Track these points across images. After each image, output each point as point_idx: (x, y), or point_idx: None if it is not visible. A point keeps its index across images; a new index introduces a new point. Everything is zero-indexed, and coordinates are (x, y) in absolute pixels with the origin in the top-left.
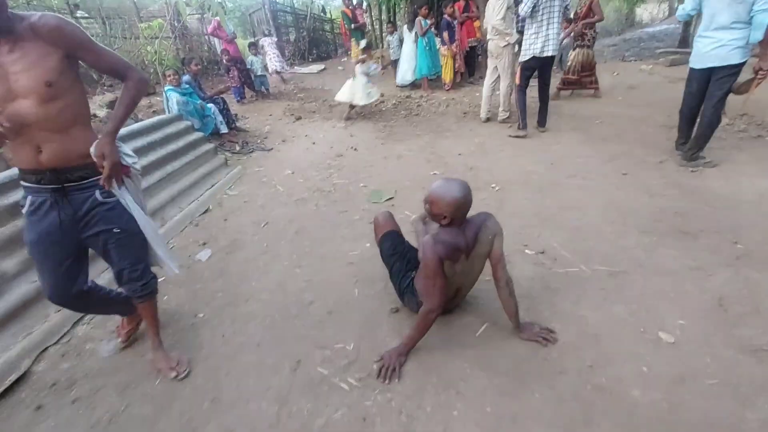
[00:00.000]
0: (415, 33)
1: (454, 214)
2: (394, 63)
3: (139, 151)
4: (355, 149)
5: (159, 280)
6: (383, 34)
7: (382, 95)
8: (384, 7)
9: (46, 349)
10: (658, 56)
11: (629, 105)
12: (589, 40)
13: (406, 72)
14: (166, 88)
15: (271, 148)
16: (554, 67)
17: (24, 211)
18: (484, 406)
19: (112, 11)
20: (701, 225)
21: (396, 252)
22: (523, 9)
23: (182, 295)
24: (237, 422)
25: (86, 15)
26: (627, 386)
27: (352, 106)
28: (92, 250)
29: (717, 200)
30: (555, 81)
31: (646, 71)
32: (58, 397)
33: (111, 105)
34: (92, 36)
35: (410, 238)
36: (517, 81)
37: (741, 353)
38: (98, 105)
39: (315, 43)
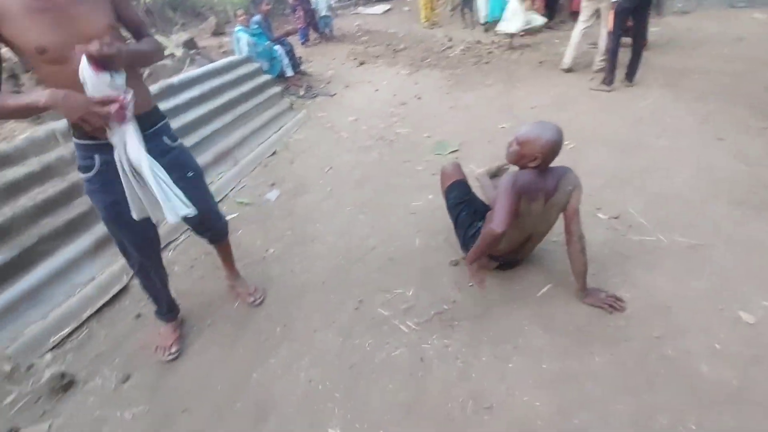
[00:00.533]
0: None
1: (545, 156)
2: (464, 2)
3: (212, 93)
4: (420, 98)
5: (231, 216)
6: None
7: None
8: None
9: None
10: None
11: (734, 59)
12: None
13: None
14: (236, 29)
15: (335, 94)
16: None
17: (90, 174)
18: (541, 363)
19: None
20: None
21: (463, 201)
22: None
23: (254, 231)
24: (305, 348)
25: None
26: (695, 360)
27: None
28: None
29: None
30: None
31: (759, 21)
32: (153, 309)
33: (186, 45)
34: None
35: (477, 191)
36: (610, 26)
37: None
38: (174, 44)
39: None
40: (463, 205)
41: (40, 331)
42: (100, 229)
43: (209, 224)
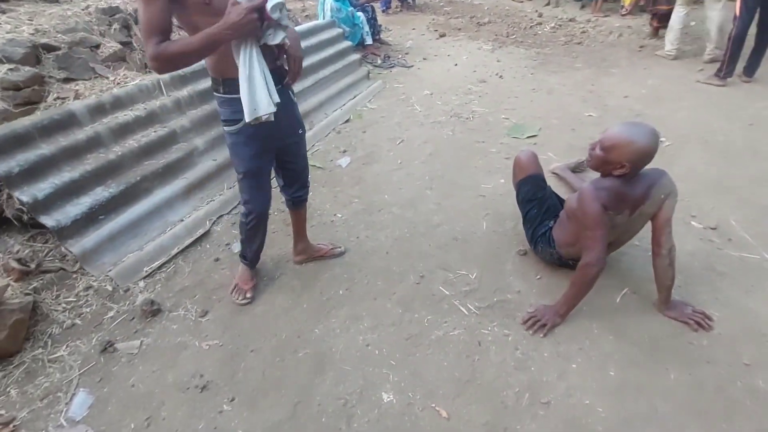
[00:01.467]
0: None
1: (636, 164)
2: None
3: None
4: (501, 76)
5: None
6: None
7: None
8: None
9: (221, 216)
10: None
11: None
12: None
13: None
14: None
15: (412, 65)
16: None
17: (235, 127)
18: (607, 369)
19: None
20: None
21: (535, 198)
22: None
23: (324, 194)
24: (365, 313)
25: None
26: None
27: None
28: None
29: None
30: None
31: None
32: (230, 254)
33: None
34: None
35: (552, 182)
36: (737, 11)
37: None
38: None
39: None
40: (535, 202)
41: (136, 260)
42: (192, 174)
43: (304, 181)
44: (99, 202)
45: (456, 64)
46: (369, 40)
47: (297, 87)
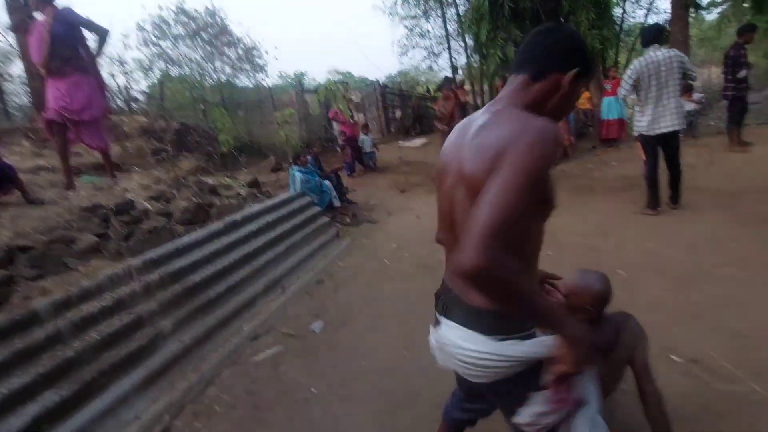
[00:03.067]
0: None
1: (595, 308)
2: None
3: (269, 226)
4: None
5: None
6: None
7: None
8: (487, 84)
9: (184, 406)
10: None
11: None
12: None
13: None
14: (292, 168)
15: (378, 221)
16: (683, 136)
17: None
18: None
19: (252, 103)
20: None
21: None
22: (622, 91)
23: (298, 366)
24: None
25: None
26: None
27: None
28: None
29: None
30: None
31: None
32: None
33: (250, 184)
34: (235, 123)
35: None
36: (643, 156)
37: None
38: (240, 184)
39: (419, 119)
40: None
41: None
42: (154, 361)
43: None
44: (46, 409)
45: (418, 217)
46: (337, 203)
47: (269, 254)
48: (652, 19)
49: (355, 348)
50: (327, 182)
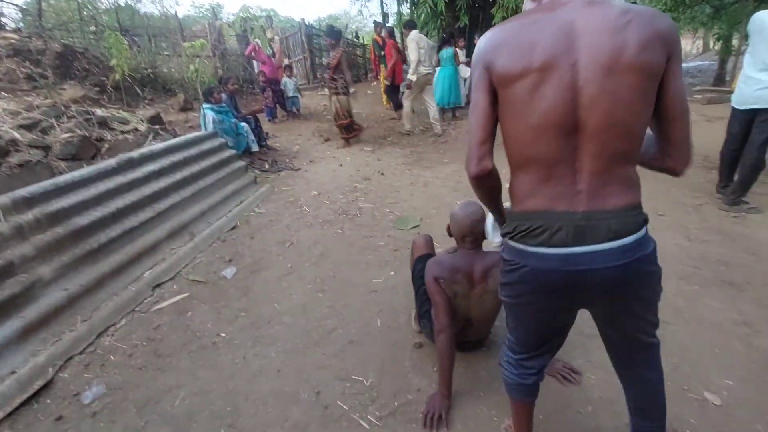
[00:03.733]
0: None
1: (456, 234)
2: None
3: (175, 166)
4: (382, 173)
5: (180, 297)
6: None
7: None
8: None
9: (72, 357)
10: (693, 93)
11: None
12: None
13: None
14: (204, 106)
15: (299, 168)
16: None
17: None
18: None
19: (157, 29)
20: (747, 276)
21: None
22: None
23: (206, 312)
24: None
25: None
26: None
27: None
28: None
29: (763, 249)
30: None
31: None
32: (78, 408)
33: (151, 120)
34: (138, 51)
35: None
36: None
37: None
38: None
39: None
40: (423, 279)
41: None
42: (32, 311)
43: None
44: None
45: (341, 165)
46: (255, 148)
47: (174, 198)
48: None
49: (269, 292)
50: (244, 125)
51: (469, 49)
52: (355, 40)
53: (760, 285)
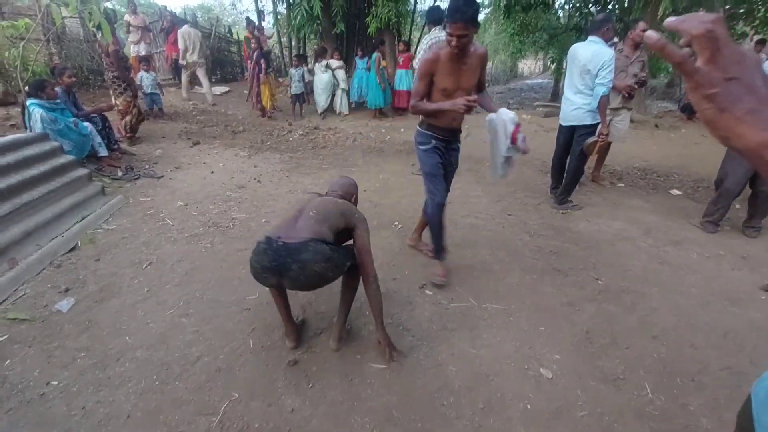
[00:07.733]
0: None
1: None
2: (297, 97)
3: None
4: (259, 181)
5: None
6: (290, 64)
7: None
8: (294, 37)
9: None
10: (534, 107)
11: None
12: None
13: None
14: (29, 102)
15: (162, 176)
16: None
17: (427, 147)
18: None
19: None
20: (570, 263)
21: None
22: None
23: (31, 358)
24: None
25: None
26: (514, 426)
27: None
28: None
29: (581, 240)
30: None
31: (525, 120)
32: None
33: None
34: None
35: None
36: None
37: (603, 383)
38: None
39: (220, 64)
40: None
41: None
42: None
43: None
44: None
45: (213, 172)
46: (103, 152)
47: None
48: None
49: (119, 324)
50: (88, 124)
51: (347, 57)
52: (228, 36)
53: (580, 270)
